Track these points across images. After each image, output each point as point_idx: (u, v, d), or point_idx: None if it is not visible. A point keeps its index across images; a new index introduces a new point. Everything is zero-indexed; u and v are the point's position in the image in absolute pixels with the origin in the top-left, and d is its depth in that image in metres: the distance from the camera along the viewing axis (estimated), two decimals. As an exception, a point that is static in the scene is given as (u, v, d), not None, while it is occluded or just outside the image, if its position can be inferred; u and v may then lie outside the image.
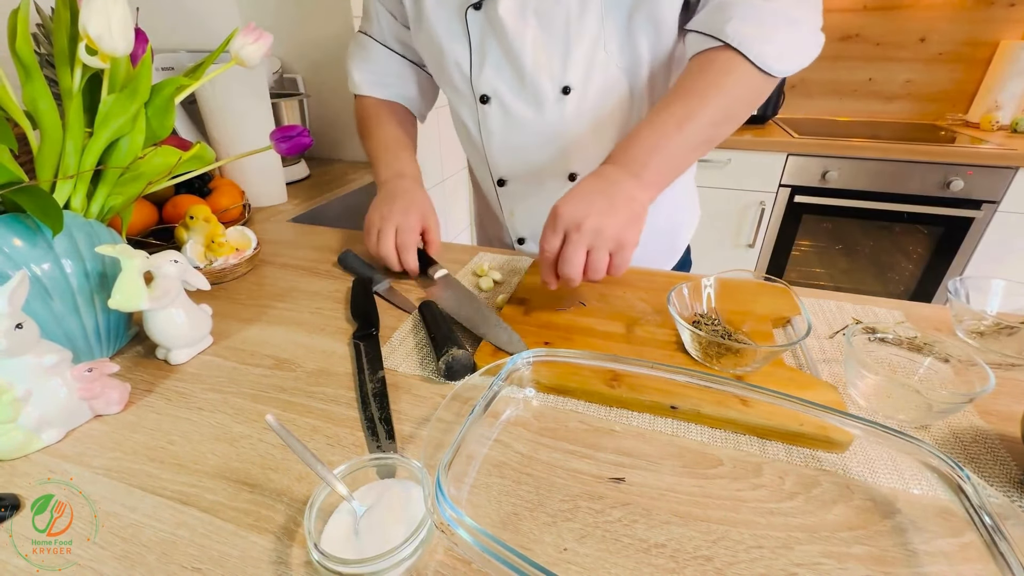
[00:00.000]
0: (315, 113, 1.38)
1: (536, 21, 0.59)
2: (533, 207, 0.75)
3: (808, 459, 0.37)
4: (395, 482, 0.34)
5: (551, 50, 0.60)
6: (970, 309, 0.51)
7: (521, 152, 0.70)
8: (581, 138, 0.66)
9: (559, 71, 0.61)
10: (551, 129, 0.66)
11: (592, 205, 0.48)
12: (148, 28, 0.55)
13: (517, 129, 0.68)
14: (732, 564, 0.30)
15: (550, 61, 0.61)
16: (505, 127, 0.68)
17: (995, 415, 0.41)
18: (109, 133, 0.45)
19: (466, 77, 0.66)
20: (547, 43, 0.60)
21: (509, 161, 0.72)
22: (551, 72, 0.62)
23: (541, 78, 0.62)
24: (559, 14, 0.58)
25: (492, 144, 0.71)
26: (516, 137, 0.69)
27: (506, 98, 0.65)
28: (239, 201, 0.86)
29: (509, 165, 0.72)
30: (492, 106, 0.67)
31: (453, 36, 0.64)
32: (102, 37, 0.40)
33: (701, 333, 0.44)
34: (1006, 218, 1.48)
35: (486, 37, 0.62)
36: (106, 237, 0.47)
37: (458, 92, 0.69)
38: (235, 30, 0.53)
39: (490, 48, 0.62)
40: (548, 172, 0.70)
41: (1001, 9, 1.67)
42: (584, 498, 0.34)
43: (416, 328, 0.54)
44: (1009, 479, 0.36)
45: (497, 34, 0.61)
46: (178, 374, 0.47)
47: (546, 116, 0.65)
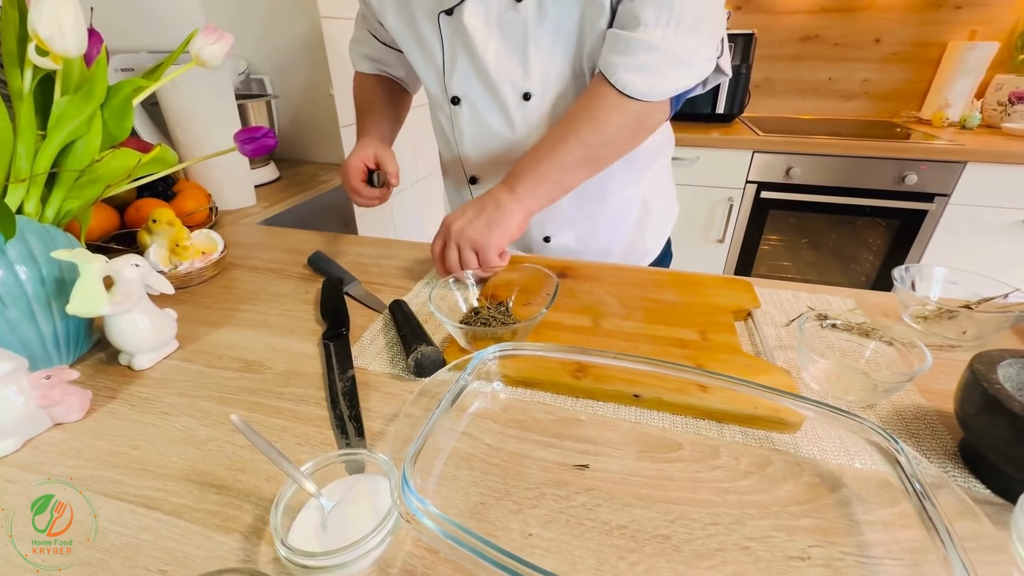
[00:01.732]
0: (284, 114, 1.36)
1: (499, 31, 0.62)
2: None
3: (763, 440, 0.39)
4: (364, 477, 0.34)
5: (512, 58, 0.63)
6: (914, 296, 0.54)
7: (490, 151, 0.73)
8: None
9: (520, 78, 0.64)
10: (516, 131, 0.69)
11: (466, 214, 0.58)
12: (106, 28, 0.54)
13: (485, 130, 0.70)
14: (689, 541, 0.31)
15: (511, 69, 0.64)
16: (475, 128, 0.71)
17: (935, 393, 0.44)
18: (63, 135, 0.44)
19: (440, 79, 0.69)
20: (509, 52, 0.63)
21: (480, 160, 0.74)
22: (512, 79, 0.64)
23: (503, 84, 0.65)
24: (519, 25, 0.61)
25: (464, 143, 0.73)
26: (485, 138, 0.71)
27: (475, 101, 0.68)
28: (205, 204, 0.84)
29: (479, 164, 0.75)
30: (463, 107, 0.69)
31: (428, 39, 0.66)
32: (53, 38, 0.40)
33: (460, 325, 0.49)
34: (957, 210, 1.55)
35: (455, 42, 0.64)
36: (63, 242, 0.46)
37: (433, 92, 0.72)
38: (195, 30, 0.52)
39: (459, 53, 0.65)
40: None
41: (948, 11, 1.75)
42: (549, 485, 0.35)
43: (387, 327, 0.54)
44: (945, 451, 0.38)
45: (464, 41, 0.63)
46: (142, 379, 0.47)
47: (510, 119, 0.68)
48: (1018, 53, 1.67)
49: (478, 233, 0.57)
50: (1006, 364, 0.37)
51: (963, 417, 0.36)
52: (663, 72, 0.55)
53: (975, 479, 0.36)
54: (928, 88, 1.87)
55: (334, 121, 1.37)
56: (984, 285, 0.53)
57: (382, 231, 1.72)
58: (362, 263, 0.70)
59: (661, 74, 0.55)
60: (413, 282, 0.64)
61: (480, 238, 0.56)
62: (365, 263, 0.70)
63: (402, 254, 0.73)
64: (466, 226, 0.57)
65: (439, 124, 0.77)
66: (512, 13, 0.60)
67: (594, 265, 0.66)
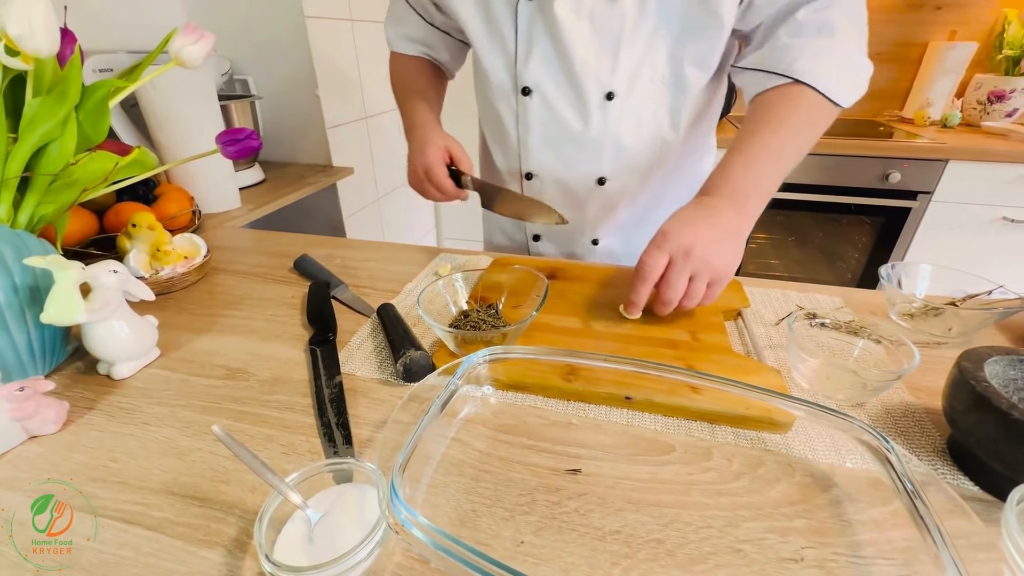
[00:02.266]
0: (269, 115, 1.35)
1: (590, 23, 0.59)
2: (554, 202, 0.73)
3: (754, 441, 0.39)
4: (351, 486, 0.33)
5: (601, 54, 0.60)
6: (901, 293, 0.54)
7: (557, 149, 0.69)
8: (617, 145, 0.66)
9: (606, 76, 0.61)
10: (591, 134, 0.65)
11: (700, 233, 0.49)
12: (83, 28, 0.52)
13: (556, 126, 0.66)
14: (682, 545, 0.31)
15: (598, 64, 0.60)
16: (544, 122, 0.67)
17: (923, 391, 0.44)
18: (36, 138, 0.43)
19: (509, 67, 0.64)
20: (598, 46, 0.60)
21: (542, 156, 0.70)
22: (598, 75, 0.61)
23: (587, 79, 0.61)
24: (615, 20, 0.58)
25: (529, 137, 0.69)
26: (554, 134, 0.67)
27: (549, 93, 0.64)
28: (187, 207, 0.83)
29: (541, 160, 0.70)
30: (533, 99, 0.65)
31: (501, 24, 0.62)
32: (23, 37, 0.38)
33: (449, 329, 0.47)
34: (939, 207, 1.58)
35: (535, 30, 0.60)
36: (37, 248, 0.45)
37: (495, 79, 0.67)
38: (174, 30, 0.51)
39: (538, 41, 0.61)
40: (579, 173, 0.69)
41: (928, 12, 1.78)
42: (541, 491, 0.34)
43: (375, 331, 0.53)
44: (934, 449, 0.38)
45: (548, 29, 0.59)
46: (122, 389, 0.45)
47: (587, 118, 0.64)
48: (996, 53, 1.70)
49: (724, 263, 0.49)
50: (992, 361, 0.37)
51: (951, 415, 0.36)
52: (858, 80, 0.56)
53: (964, 476, 0.36)
54: (910, 87, 1.90)
55: (320, 122, 1.35)
56: (968, 282, 0.54)
57: (370, 233, 1.71)
58: (349, 266, 0.69)
59: (861, 80, 0.56)
60: (401, 285, 0.63)
61: (724, 269, 0.49)
62: (352, 266, 0.69)
63: (390, 257, 0.72)
64: (711, 251, 0.48)
65: (497, 114, 0.70)
66: (608, 8, 0.57)
67: (584, 266, 0.66)
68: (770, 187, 0.55)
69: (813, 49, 0.54)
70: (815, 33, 0.54)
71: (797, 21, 0.55)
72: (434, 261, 0.70)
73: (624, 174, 0.69)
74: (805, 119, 0.56)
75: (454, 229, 2.32)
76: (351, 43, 1.44)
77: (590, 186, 0.70)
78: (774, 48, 0.57)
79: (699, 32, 0.58)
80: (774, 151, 0.55)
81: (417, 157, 0.67)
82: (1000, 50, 1.68)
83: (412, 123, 0.72)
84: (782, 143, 0.55)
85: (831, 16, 0.54)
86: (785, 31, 0.56)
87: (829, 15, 0.54)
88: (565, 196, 0.73)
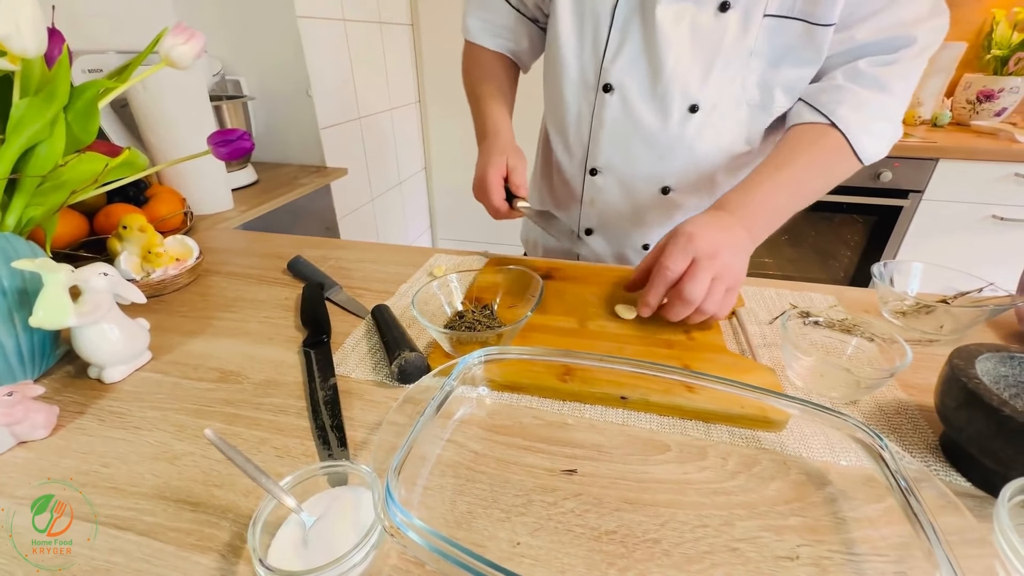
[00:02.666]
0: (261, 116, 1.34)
1: (690, 32, 0.58)
2: (615, 204, 0.74)
3: (749, 439, 0.39)
4: (346, 489, 0.33)
5: (693, 65, 0.60)
6: (893, 291, 0.55)
7: (627, 151, 0.68)
8: (690, 159, 0.66)
9: (695, 88, 0.61)
10: (665, 140, 0.65)
11: (724, 239, 0.49)
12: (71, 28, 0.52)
13: (632, 128, 0.66)
14: (678, 544, 0.31)
15: (688, 74, 0.60)
16: (620, 122, 0.66)
17: (915, 388, 0.45)
18: (23, 139, 0.42)
19: (596, 61, 0.64)
20: (692, 56, 0.59)
21: (611, 154, 0.69)
22: (685, 86, 0.61)
23: (674, 88, 0.61)
24: (715, 35, 0.58)
25: (601, 134, 0.68)
26: (628, 136, 0.67)
27: (631, 94, 0.63)
28: (179, 209, 0.82)
29: (609, 159, 0.70)
30: (614, 97, 0.64)
31: (598, 16, 0.61)
32: (10, 37, 0.38)
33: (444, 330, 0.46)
34: (930, 206, 1.59)
35: (630, 28, 0.60)
36: (25, 251, 0.44)
37: (575, 70, 0.66)
38: (164, 30, 0.50)
39: (631, 40, 0.60)
40: (645, 178, 0.69)
41: (919, 12, 1.80)
42: (537, 492, 0.34)
43: (369, 333, 0.53)
44: (927, 446, 0.39)
45: (645, 29, 0.59)
46: (113, 393, 0.45)
47: (665, 126, 0.64)
48: (985, 53, 1.72)
49: (741, 271, 0.49)
50: (984, 358, 0.37)
51: (943, 411, 0.37)
52: (890, 141, 0.58)
53: (956, 472, 0.36)
54: (900, 87, 1.92)
55: (313, 122, 1.35)
56: (959, 280, 0.54)
57: (364, 234, 1.70)
58: (343, 267, 0.68)
59: (887, 142, 0.58)
60: (396, 286, 0.63)
61: (741, 277, 0.49)
62: (347, 268, 0.68)
63: (385, 258, 0.71)
64: (732, 260, 0.48)
65: (568, 107, 0.69)
66: (711, 22, 0.57)
67: (579, 266, 0.66)
68: (780, 219, 0.57)
69: (859, 99, 0.56)
70: (869, 84, 0.56)
71: (857, 69, 0.56)
72: (429, 262, 0.70)
73: (690, 186, 0.69)
74: (830, 165, 0.58)
75: (449, 230, 2.32)
76: (344, 43, 1.44)
77: (653, 193, 0.70)
78: (827, 87, 0.58)
79: (797, 61, 0.58)
80: (793, 188, 0.56)
81: (480, 169, 0.66)
82: (988, 50, 1.70)
83: (484, 130, 0.71)
84: (801, 183, 0.57)
85: (889, 74, 0.55)
86: (843, 73, 0.57)
87: (888, 72, 0.55)
88: (625, 198, 0.72)
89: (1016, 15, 1.63)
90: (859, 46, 0.56)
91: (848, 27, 0.56)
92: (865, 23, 0.55)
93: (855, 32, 0.56)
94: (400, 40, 1.77)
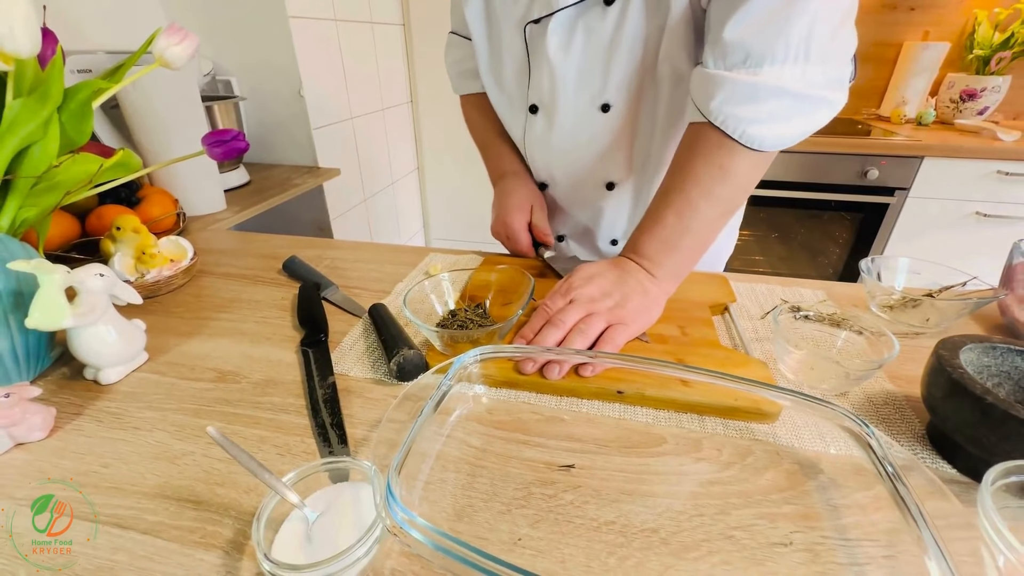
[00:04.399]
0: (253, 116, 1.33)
1: (582, 40, 0.59)
2: (572, 210, 0.77)
3: (743, 431, 0.40)
4: (348, 485, 0.34)
5: (593, 69, 0.61)
6: (880, 286, 0.56)
7: (561, 161, 0.71)
8: (619, 151, 0.67)
9: (599, 90, 0.62)
10: (593, 143, 0.66)
11: (603, 280, 0.50)
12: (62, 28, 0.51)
13: (558, 139, 0.68)
14: (676, 533, 0.32)
15: (592, 80, 0.61)
16: (547, 137, 0.69)
17: (903, 379, 0.46)
18: (17, 140, 0.42)
19: (523, 87, 0.67)
20: (590, 63, 0.60)
21: (549, 168, 0.72)
22: (592, 91, 0.62)
23: (582, 94, 0.63)
24: (604, 32, 0.58)
25: (535, 151, 0.72)
26: (557, 147, 0.69)
27: (550, 110, 0.65)
28: (172, 210, 0.81)
29: (549, 172, 0.73)
30: (539, 116, 0.67)
31: (513, 47, 0.64)
32: (3, 38, 0.38)
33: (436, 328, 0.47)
34: (915, 203, 1.62)
35: (538, 51, 0.62)
36: (19, 252, 0.44)
37: (511, 99, 0.70)
38: (157, 30, 0.50)
39: (542, 62, 0.62)
40: (587, 181, 0.71)
41: (903, 13, 1.83)
42: (537, 485, 0.35)
43: (367, 331, 0.53)
44: (914, 435, 0.40)
45: (548, 49, 0.60)
46: (110, 394, 0.45)
47: (588, 130, 0.65)
48: (967, 53, 1.76)
49: (629, 312, 0.48)
50: (968, 349, 0.38)
51: (930, 401, 0.38)
52: (796, 116, 0.47)
53: (942, 460, 0.38)
54: (886, 86, 1.95)
55: (305, 123, 1.34)
56: (944, 274, 0.55)
57: (357, 235, 1.70)
58: (339, 267, 0.68)
59: (793, 119, 0.47)
60: (392, 285, 0.63)
61: (631, 318, 0.48)
62: (342, 267, 0.68)
63: (381, 257, 0.72)
64: (607, 298, 0.49)
65: (510, 128, 0.74)
66: (599, 19, 0.57)
67: (574, 264, 0.66)
68: (682, 243, 0.52)
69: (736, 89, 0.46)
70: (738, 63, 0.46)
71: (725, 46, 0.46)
72: (425, 261, 0.70)
73: (631, 177, 0.70)
74: (713, 161, 0.49)
75: (442, 230, 2.32)
76: (336, 43, 1.43)
77: (601, 191, 0.72)
78: (699, 75, 0.50)
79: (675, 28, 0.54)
80: (678, 206, 0.51)
81: (503, 214, 0.69)
82: (971, 50, 1.73)
83: (500, 171, 0.74)
84: (693, 205, 0.51)
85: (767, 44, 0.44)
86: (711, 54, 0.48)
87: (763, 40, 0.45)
88: (580, 201, 0.75)
89: (997, 15, 1.66)
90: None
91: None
92: None
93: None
94: (392, 40, 1.77)
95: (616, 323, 0.48)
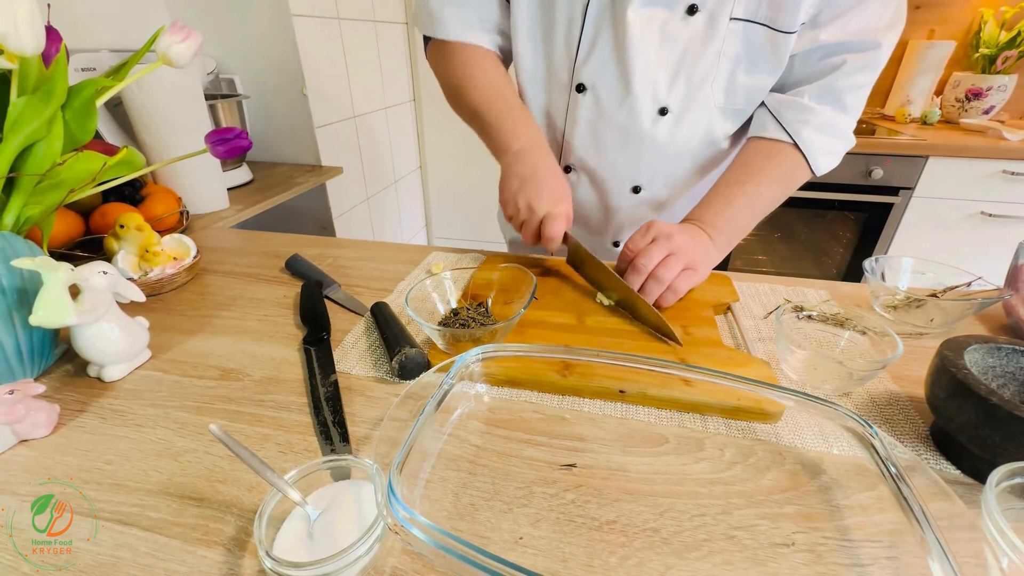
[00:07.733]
0: (255, 114, 1.33)
1: (660, 34, 0.58)
2: (587, 202, 0.75)
3: (745, 431, 0.40)
4: (350, 483, 0.34)
5: (661, 69, 0.60)
6: (884, 286, 0.56)
7: (599, 149, 0.69)
8: (661, 159, 0.67)
9: (663, 92, 0.62)
10: (637, 141, 0.66)
11: (683, 231, 0.56)
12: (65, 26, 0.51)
13: (603, 128, 0.66)
14: (677, 533, 0.31)
15: (656, 79, 0.61)
16: (592, 122, 0.66)
17: (906, 379, 0.46)
18: (21, 138, 0.42)
19: (569, 61, 0.63)
20: (661, 61, 0.60)
21: (585, 154, 0.70)
22: (655, 89, 0.61)
23: (644, 92, 0.62)
24: (683, 37, 0.58)
25: (574, 132, 0.68)
26: (600, 135, 0.67)
27: (602, 95, 0.64)
28: (175, 208, 0.82)
29: (583, 157, 0.70)
30: (586, 97, 0.64)
31: (566, 18, 0.60)
32: (8, 35, 0.38)
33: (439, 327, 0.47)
34: (920, 202, 1.61)
35: (602, 31, 0.59)
36: (24, 250, 0.44)
37: (553, 72, 0.65)
38: (161, 28, 0.50)
39: (602, 43, 0.60)
40: (616, 176, 0.70)
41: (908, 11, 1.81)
42: (539, 484, 0.35)
43: (369, 330, 0.53)
44: (918, 435, 0.40)
45: (616, 33, 0.58)
46: (113, 391, 0.45)
47: (637, 128, 0.64)
48: (973, 52, 1.75)
49: (700, 255, 0.55)
50: (972, 349, 0.38)
51: (933, 401, 0.37)
52: (841, 156, 0.63)
53: (946, 460, 0.37)
54: (891, 85, 1.94)
55: (308, 121, 1.35)
56: (948, 274, 0.55)
57: (360, 233, 1.70)
58: (341, 266, 0.68)
59: (839, 158, 0.62)
60: (395, 284, 0.63)
61: (701, 260, 0.55)
62: (344, 266, 0.69)
63: (383, 256, 0.72)
64: (690, 244, 0.55)
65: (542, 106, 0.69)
66: (679, 25, 0.57)
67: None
68: (742, 231, 0.61)
69: (822, 120, 0.59)
70: (832, 105, 0.59)
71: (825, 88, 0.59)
72: (427, 259, 0.70)
73: (660, 186, 0.70)
74: (788, 180, 0.62)
75: (444, 229, 2.32)
76: (338, 41, 1.44)
77: (624, 192, 0.71)
78: (792, 103, 0.61)
79: (759, 67, 0.60)
80: (753, 202, 0.61)
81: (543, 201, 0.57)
82: (977, 49, 1.72)
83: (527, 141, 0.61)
84: (762, 197, 0.61)
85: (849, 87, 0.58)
86: (812, 93, 0.60)
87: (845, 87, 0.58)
88: (597, 196, 0.73)
89: (1003, 14, 1.65)
90: (823, 46, 0.57)
91: (815, 27, 0.57)
92: (831, 24, 0.56)
93: (820, 32, 0.57)
94: (395, 38, 1.77)
95: (690, 267, 0.54)
